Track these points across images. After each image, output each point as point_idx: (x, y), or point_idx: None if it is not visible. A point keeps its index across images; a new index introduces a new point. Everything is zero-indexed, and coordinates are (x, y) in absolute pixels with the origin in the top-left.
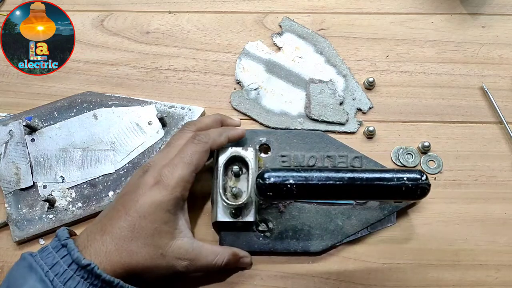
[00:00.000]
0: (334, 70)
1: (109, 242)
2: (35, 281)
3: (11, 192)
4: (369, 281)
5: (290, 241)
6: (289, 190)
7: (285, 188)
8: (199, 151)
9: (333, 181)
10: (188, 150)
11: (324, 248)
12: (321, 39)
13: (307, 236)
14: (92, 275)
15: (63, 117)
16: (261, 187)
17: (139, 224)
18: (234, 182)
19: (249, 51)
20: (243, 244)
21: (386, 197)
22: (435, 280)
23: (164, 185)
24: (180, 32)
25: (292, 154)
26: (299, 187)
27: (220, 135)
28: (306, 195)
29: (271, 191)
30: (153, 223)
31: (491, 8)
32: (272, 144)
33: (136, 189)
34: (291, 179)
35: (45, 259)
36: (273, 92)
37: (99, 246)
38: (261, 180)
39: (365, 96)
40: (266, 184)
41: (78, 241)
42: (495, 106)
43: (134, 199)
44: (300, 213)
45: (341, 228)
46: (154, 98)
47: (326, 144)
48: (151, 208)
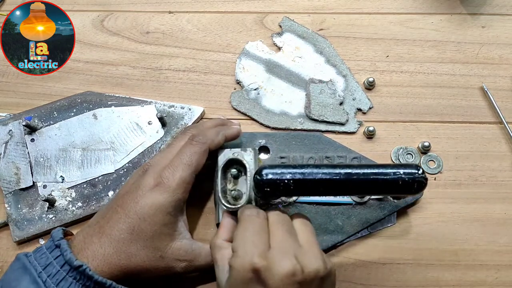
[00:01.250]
0: (334, 70)
1: (107, 245)
2: (29, 282)
3: (11, 192)
4: (369, 281)
5: None
6: (286, 185)
7: (282, 184)
8: (198, 152)
9: (330, 176)
10: (187, 151)
11: (324, 249)
12: (321, 39)
13: None
14: (84, 276)
15: (63, 117)
16: (259, 183)
17: (138, 226)
18: (234, 184)
19: (249, 51)
20: None
21: (383, 192)
22: (435, 280)
23: (165, 187)
24: (180, 32)
25: (291, 156)
26: (296, 183)
27: (217, 134)
28: (303, 190)
29: (269, 187)
30: (153, 225)
31: (491, 8)
32: (271, 146)
33: (136, 190)
34: (288, 175)
35: (39, 260)
36: (273, 92)
37: (97, 248)
38: (258, 176)
39: (365, 96)
40: (264, 180)
41: (74, 242)
42: (495, 106)
43: (134, 200)
44: None
45: (341, 228)
46: (154, 98)
47: (325, 145)
48: (152, 210)
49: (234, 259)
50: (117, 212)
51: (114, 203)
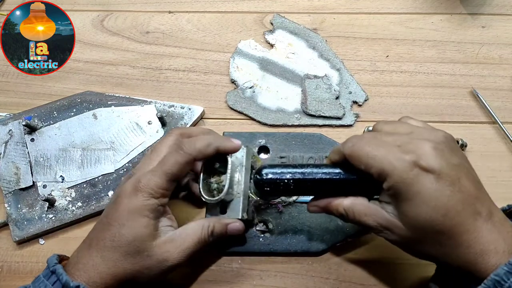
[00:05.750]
0: (327, 64)
1: (95, 255)
2: None
3: (11, 192)
4: (369, 281)
5: (290, 242)
6: (286, 185)
7: (282, 183)
8: (181, 162)
9: (330, 176)
10: (170, 159)
11: (325, 248)
12: (313, 34)
13: (307, 236)
14: None
15: (63, 116)
16: (259, 182)
17: (119, 232)
18: (218, 178)
19: (242, 50)
20: (243, 244)
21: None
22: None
23: (142, 192)
24: (180, 32)
25: (291, 155)
26: (296, 182)
27: (208, 146)
28: (303, 190)
29: (269, 186)
30: (132, 229)
31: (491, 8)
32: (271, 146)
33: (117, 198)
34: (288, 175)
35: None
36: (269, 90)
37: (87, 260)
38: (258, 176)
39: (360, 89)
40: (264, 179)
41: (70, 260)
42: (488, 108)
43: (115, 207)
44: (299, 213)
45: (341, 228)
46: (154, 97)
47: (325, 145)
48: (129, 215)
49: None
50: (102, 222)
51: (102, 214)
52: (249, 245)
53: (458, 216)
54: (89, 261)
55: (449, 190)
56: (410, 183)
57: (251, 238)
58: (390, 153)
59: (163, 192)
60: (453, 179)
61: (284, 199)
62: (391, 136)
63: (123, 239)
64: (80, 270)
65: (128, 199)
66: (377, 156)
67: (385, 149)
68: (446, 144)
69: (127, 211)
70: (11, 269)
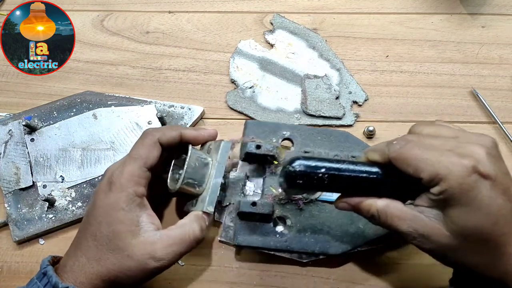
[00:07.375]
0: (327, 64)
1: (80, 256)
2: None
3: (11, 192)
4: (369, 281)
5: (308, 241)
6: (320, 179)
7: (316, 177)
8: (146, 144)
9: (367, 174)
10: (135, 145)
11: (344, 251)
12: (313, 34)
13: (326, 237)
14: None
15: (63, 116)
16: (291, 174)
17: (99, 230)
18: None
19: (242, 50)
20: (258, 240)
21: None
22: (436, 280)
23: (115, 185)
24: (180, 32)
25: (315, 151)
26: (331, 177)
27: (172, 129)
28: (337, 186)
29: (301, 179)
30: (109, 225)
31: (491, 8)
32: (296, 139)
33: (94, 196)
34: (323, 169)
35: None
36: (269, 90)
37: (74, 261)
38: (291, 168)
39: (360, 89)
40: (297, 171)
41: (60, 262)
42: (488, 108)
43: (93, 206)
44: (320, 212)
45: (362, 232)
46: (154, 97)
47: (351, 144)
48: (105, 211)
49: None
50: (84, 222)
51: (84, 214)
52: (265, 240)
53: (507, 226)
54: (76, 262)
55: (502, 198)
56: (467, 189)
57: (268, 234)
58: (443, 157)
59: (137, 179)
60: (505, 187)
61: (305, 196)
62: (437, 140)
63: (103, 237)
64: (68, 271)
65: (104, 194)
66: (429, 159)
67: (437, 152)
68: (497, 150)
69: (103, 207)
70: (11, 269)
